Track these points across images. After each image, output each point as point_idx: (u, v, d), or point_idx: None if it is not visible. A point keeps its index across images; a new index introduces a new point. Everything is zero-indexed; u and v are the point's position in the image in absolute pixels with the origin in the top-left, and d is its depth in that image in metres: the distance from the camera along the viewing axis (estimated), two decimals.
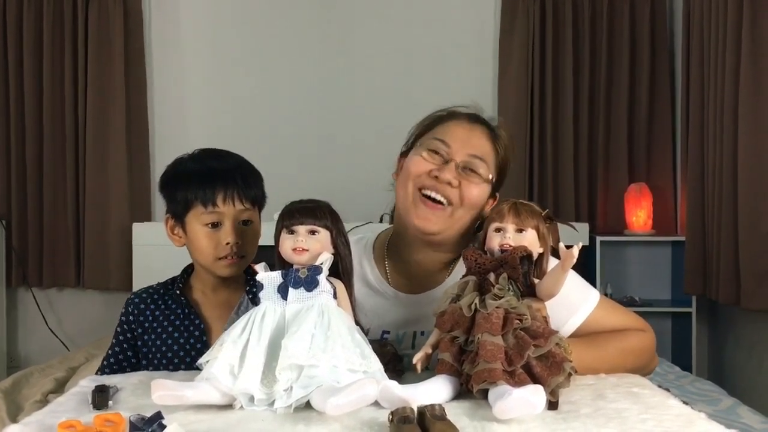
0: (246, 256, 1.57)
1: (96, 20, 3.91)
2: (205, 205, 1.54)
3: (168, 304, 1.64)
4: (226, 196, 1.53)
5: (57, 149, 3.94)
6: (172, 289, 1.65)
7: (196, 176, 1.56)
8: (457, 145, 1.48)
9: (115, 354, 1.65)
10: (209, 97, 4.08)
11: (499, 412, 1.05)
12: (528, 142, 3.93)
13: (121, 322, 1.66)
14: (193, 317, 1.61)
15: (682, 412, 1.13)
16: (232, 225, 1.54)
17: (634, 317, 1.55)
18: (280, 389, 1.12)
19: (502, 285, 1.20)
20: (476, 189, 1.47)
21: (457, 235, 1.49)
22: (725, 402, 2.58)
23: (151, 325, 1.62)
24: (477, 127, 1.54)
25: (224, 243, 1.54)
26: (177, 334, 1.60)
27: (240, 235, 1.55)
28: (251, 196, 1.57)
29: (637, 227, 3.79)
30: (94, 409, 1.17)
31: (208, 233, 1.55)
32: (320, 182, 3.65)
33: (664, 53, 3.95)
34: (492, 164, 1.52)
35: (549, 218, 1.29)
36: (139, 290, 1.70)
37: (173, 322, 1.61)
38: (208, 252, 1.56)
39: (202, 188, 1.54)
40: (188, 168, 1.59)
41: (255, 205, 1.58)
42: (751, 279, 2.99)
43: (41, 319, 3.97)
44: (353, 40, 4.06)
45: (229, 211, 1.54)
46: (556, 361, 1.14)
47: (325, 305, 1.19)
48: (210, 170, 1.56)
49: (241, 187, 1.55)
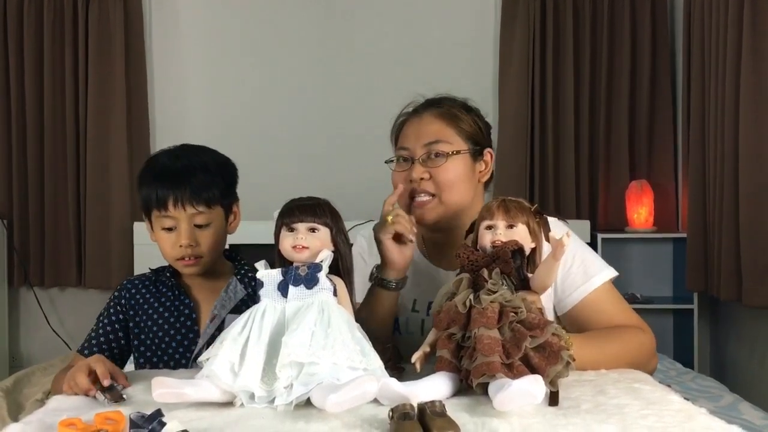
0: (204, 257, 1.58)
1: (96, 20, 3.91)
2: (158, 210, 1.56)
3: (159, 288, 1.68)
4: (177, 201, 1.54)
5: (58, 149, 3.94)
6: (163, 274, 1.69)
7: (154, 178, 1.57)
8: (412, 143, 1.58)
9: (106, 333, 1.67)
10: (210, 96, 4.08)
11: (499, 404, 1.05)
12: (529, 140, 3.93)
13: (113, 304, 1.69)
14: (183, 297, 1.65)
15: (683, 408, 1.13)
16: (185, 228, 1.55)
17: (635, 315, 1.56)
18: (280, 386, 1.12)
19: (495, 280, 1.21)
20: (447, 169, 1.55)
21: (459, 211, 1.57)
22: (726, 398, 2.58)
23: (142, 307, 1.66)
24: (425, 115, 1.61)
25: (178, 246, 1.56)
26: (167, 314, 1.64)
27: (195, 238, 1.56)
28: (204, 198, 1.55)
29: (638, 224, 3.78)
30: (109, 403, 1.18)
31: (165, 235, 1.58)
32: (320, 180, 3.65)
33: (665, 50, 3.94)
34: (454, 136, 1.58)
35: (538, 213, 1.30)
36: (132, 277, 1.75)
37: (164, 303, 1.66)
38: (167, 253, 1.60)
39: (155, 191, 1.55)
40: (152, 167, 1.61)
41: (211, 206, 1.57)
42: (752, 276, 2.98)
43: (43, 319, 3.98)
44: (354, 40, 4.05)
45: (180, 215, 1.55)
46: (554, 351, 1.14)
47: (326, 303, 1.19)
48: (164, 172, 1.56)
49: (193, 190, 1.54)
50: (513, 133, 3.92)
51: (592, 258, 1.59)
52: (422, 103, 1.64)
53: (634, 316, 1.56)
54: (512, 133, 3.92)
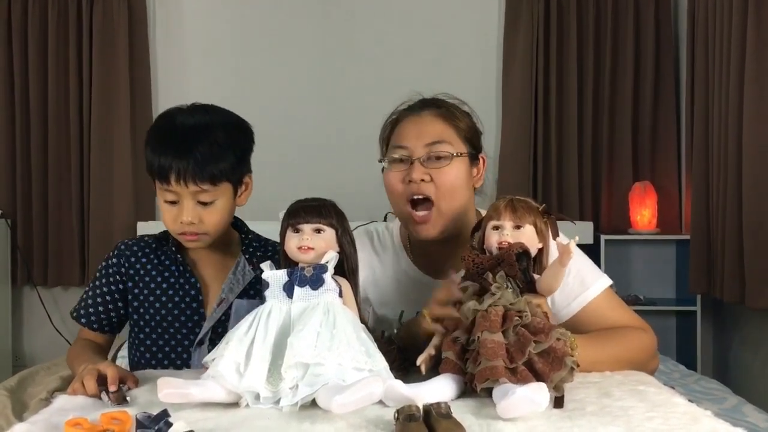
0: (207, 234, 1.49)
1: (100, 20, 3.91)
2: (161, 182, 1.47)
3: (161, 260, 1.60)
4: (179, 176, 1.43)
5: (62, 148, 3.95)
6: (166, 245, 1.60)
7: (158, 141, 1.48)
8: (412, 143, 1.51)
9: (105, 302, 1.59)
10: (213, 95, 4.00)
11: (503, 411, 1.05)
12: (532, 141, 3.92)
13: (112, 272, 1.60)
14: (189, 275, 1.58)
15: (688, 410, 1.13)
16: (187, 204, 1.46)
17: (636, 317, 1.56)
18: (285, 387, 1.13)
19: (499, 283, 1.20)
20: (448, 172, 1.49)
21: (456, 219, 1.51)
22: (730, 400, 2.57)
23: (143, 279, 1.58)
24: (425, 114, 1.55)
25: (180, 221, 1.48)
26: (171, 292, 1.57)
27: (199, 215, 1.47)
28: (210, 174, 1.43)
29: (641, 226, 3.78)
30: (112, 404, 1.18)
31: (168, 208, 1.48)
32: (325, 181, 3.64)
33: (669, 51, 3.94)
34: (455, 138, 1.53)
35: (546, 213, 1.29)
36: (128, 240, 1.64)
37: (167, 278, 1.58)
38: (169, 226, 1.51)
39: (157, 159, 1.45)
40: (160, 127, 1.51)
41: (217, 183, 1.45)
42: (756, 277, 2.98)
43: (46, 318, 3.98)
44: (357, 39, 4.06)
45: (183, 191, 1.45)
46: (558, 356, 1.14)
47: (331, 304, 1.19)
48: (169, 138, 1.46)
49: (198, 164, 1.42)
50: (516, 135, 3.92)
51: (589, 267, 1.57)
52: (419, 102, 1.59)
53: (635, 317, 1.55)
54: (515, 135, 3.92)
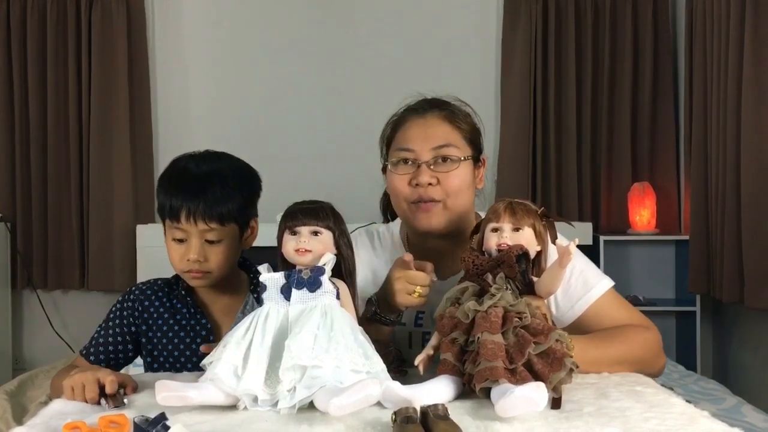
0: (212, 273, 1.54)
1: (99, 22, 3.91)
2: (171, 220, 1.52)
3: (173, 303, 1.62)
4: (189, 214, 1.49)
5: (61, 151, 3.95)
6: (177, 289, 1.63)
7: (171, 185, 1.53)
8: (418, 146, 1.51)
9: (115, 342, 1.61)
10: (212, 98, 4.08)
11: (501, 411, 1.05)
12: (531, 142, 3.93)
13: (125, 314, 1.62)
14: (200, 317, 1.60)
15: (686, 411, 1.13)
16: (195, 242, 1.51)
17: (639, 315, 1.56)
18: (283, 390, 1.13)
19: (499, 284, 1.20)
20: (455, 176, 1.50)
21: (460, 218, 1.52)
22: (729, 401, 2.58)
23: (156, 322, 1.61)
24: (430, 116, 1.55)
25: (186, 259, 1.52)
26: (183, 334, 1.59)
27: (205, 253, 1.51)
28: (218, 214, 1.49)
29: (640, 226, 3.78)
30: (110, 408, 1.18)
31: (175, 246, 1.53)
32: (323, 183, 3.66)
33: (667, 51, 3.94)
34: (461, 140, 1.53)
35: (545, 216, 1.29)
36: (142, 284, 1.67)
37: (179, 321, 1.60)
38: (175, 263, 1.55)
39: (169, 200, 1.51)
40: (172, 172, 1.57)
41: (225, 223, 1.51)
42: (755, 278, 2.98)
43: (46, 321, 3.98)
44: (356, 40, 4.06)
45: (191, 229, 1.50)
46: (557, 357, 1.14)
47: (328, 306, 1.20)
48: (181, 181, 1.52)
49: (207, 205, 1.48)
50: (515, 136, 3.92)
51: (591, 269, 1.58)
52: (422, 102, 1.58)
53: (639, 315, 1.55)
54: (514, 136, 3.92)
